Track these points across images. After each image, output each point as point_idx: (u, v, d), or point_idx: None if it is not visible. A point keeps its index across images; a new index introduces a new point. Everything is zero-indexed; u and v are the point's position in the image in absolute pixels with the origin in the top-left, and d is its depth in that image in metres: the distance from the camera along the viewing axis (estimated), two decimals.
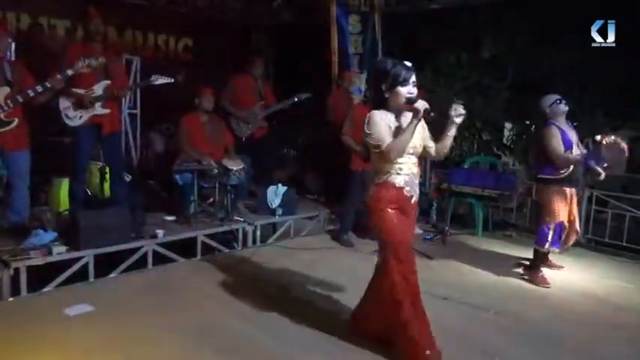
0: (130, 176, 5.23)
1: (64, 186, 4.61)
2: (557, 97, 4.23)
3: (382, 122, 2.60)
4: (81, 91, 4.18)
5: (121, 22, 7.02)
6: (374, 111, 2.63)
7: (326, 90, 6.38)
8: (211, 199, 5.07)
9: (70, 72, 3.91)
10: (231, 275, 4.07)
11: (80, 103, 4.18)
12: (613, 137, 4.10)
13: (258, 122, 5.85)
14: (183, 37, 7.82)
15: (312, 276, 4.16)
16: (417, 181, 2.72)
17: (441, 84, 6.36)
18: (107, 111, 4.29)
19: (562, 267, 4.68)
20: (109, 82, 4.25)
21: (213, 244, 4.58)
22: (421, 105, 2.54)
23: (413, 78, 2.59)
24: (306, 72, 6.58)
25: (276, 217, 5.16)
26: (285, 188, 5.25)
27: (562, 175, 4.18)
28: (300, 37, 7.08)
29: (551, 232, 4.25)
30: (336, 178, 5.78)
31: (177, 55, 7.79)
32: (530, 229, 5.48)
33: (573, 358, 2.99)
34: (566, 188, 4.24)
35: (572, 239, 4.46)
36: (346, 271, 4.28)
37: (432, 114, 2.55)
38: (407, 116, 2.65)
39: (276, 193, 5.20)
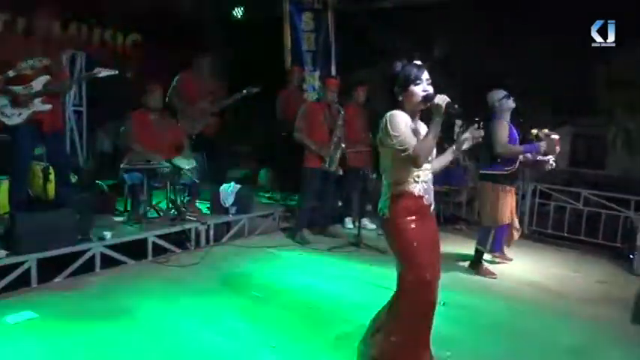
0: (75, 176, 5.04)
1: (2, 187, 4.37)
2: (505, 92, 4.35)
3: (405, 124, 2.37)
4: (18, 88, 3.96)
5: (65, 15, 6.71)
6: (395, 111, 2.39)
7: (278, 86, 6.37)
8: (162, 199, 4.97)
9: (11, 73, 3.73)
10: (184, 276, 3.98)
11: (17, 101, 3.96)
12: (546, 130, 4.36)
13: (207, 119, 5.76)
14: (132, 33, 7.57)
15: (268, 273, 4.14)
16: (432, 188, 2.52)
17: None
18: (48, 107, 4.07)
19: (510, 259, 4.84)
20: (48, 77, 4.05)
21: (165, 244, 4.49)
22: (441, 100, 2.33)
23: (426, 75, 2.42)
24: (258, 68, 6.52)
25: (230, 215, 5.10)
26: (238, 186, 5.20)
27: (508, 171, 4.30)
28: (253, 34, 7.01)
29: (491, 236, 4.36)
30: (290, 175, 5.77)
31: (125, 51, 7.54)
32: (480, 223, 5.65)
33: (528, 348, 3.08)
34: (511, 187, 4.38)
35: (515, 236, 4.61)
36: (302, 269, 4.27)
37: (456, 106, 2.32)
38: (417, 119, 2.51)
39: (229, 192, 5.13)
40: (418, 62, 2.46)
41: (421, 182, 2.45)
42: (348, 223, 5.91)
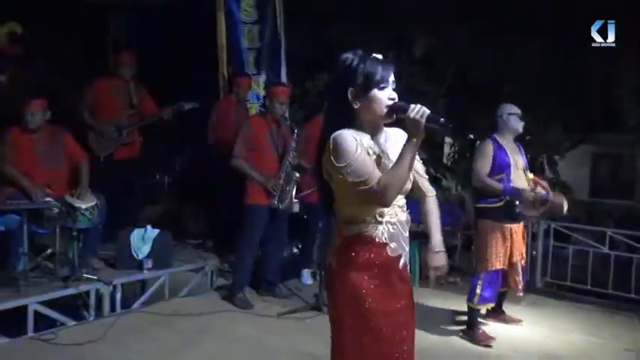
0: None
1: None
2: (518, 111, 4.60)
3: (358, 147, 2.23)
4: None
5: None
6: (341, 131, 2.26)
7: (210, 97, 6.41)
8: (49, 251, 4.86)
9: None
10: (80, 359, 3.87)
11: None
12: (545, 183, 4.64)
13: (123, 138, 5.77)
14: (8, 22, 7.43)
15: (196, 353, 4.08)
16: (406, 234, 2.39)
17: None
18: None
19: (520, 321, 4.95)
20: None
21: (54, 314, 4.39)
22: (418, 112, 2.18)
23: (392, 76, 2.32)
24: (182, 72, 6.52)
25: (145, 271, 5.05)
26: (156, 231, 5.16)
27: (496, 204, 4.47)
28: (175, 26, 7.01)
29: (480, 284, 4.50)
30: (227, 216, 5.77)
31: None
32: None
33: None
34: (505, 224, 4.51)
35: (516, 289, 4.72)
36: (243, 343, 4.23)
37: (442, 120, 2.18)
38: (386, 135, 2.42)
39: (143, 239, 5.08)
40: (379, 56, 2.33)
41: (386, 223, 2.31)
42: (307, 277, 5.91)
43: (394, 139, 2.40)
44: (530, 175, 4.60)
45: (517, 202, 4.46)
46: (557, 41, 6.36)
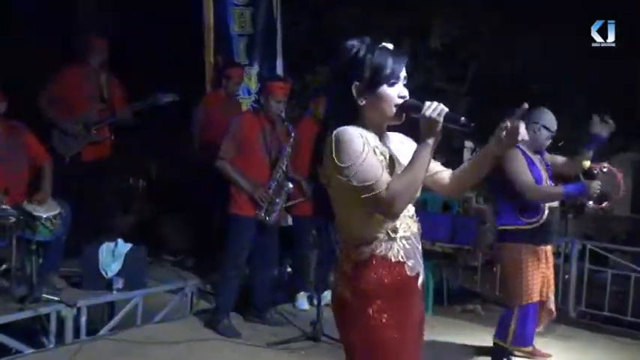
0: None
1: None
2: (553, 127, 4.48)
3: (365, 146, 2.21)
4: None
5: None
6: (345, 127, 2.24)
7: (195, 90, 6.38)
8: (4, 266, 4.86)
9: None
10: None
11: None
12: (607, 164, 4.48)
13: (91, 135, 5.77)
14: None
15: None
16: (420, 247, 2.42)
17: None
18: None
19: (549, 355, 4.86)
20: None
21: (8, 340, 4.34)
22: (435, 110, 2.18)
23: (404, 71, 2.31)
24: (162, 61, 6.49)
25: (114, 292, 5.02)
26: (128, 245, 5.13)
27: (533, 224, 4.37)
28: (153, 7, 6.99)
29: (514, 322, 4.38)
30: (211, 229, 5.77)
31: None
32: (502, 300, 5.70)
33: None
34: (540, 245, 4.43)
35: (546, 321, 4.68)
36: None
37: (463, 120, 2.19)
38: (394, 137, 2.46)
39: (114, 254, 5.05)
40: (389, 46, 2.32)
41: (400, 239, 2.33)
42: (302, 301, 5.90)
43: (396, 142, 2.43)
44: (587, 163, 4.44)
45: (589, 203, 4.37)
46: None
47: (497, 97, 6.57)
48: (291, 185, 5.15)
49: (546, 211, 4.37)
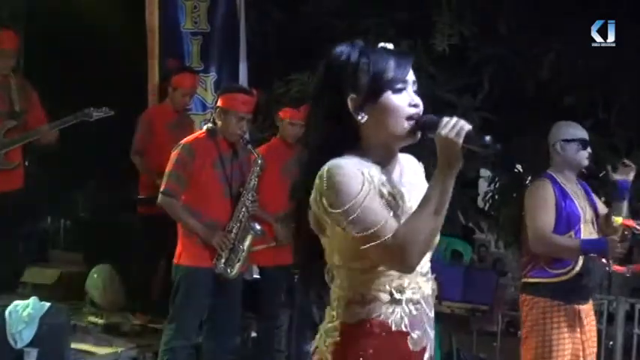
0: None
1: None
2: (581, 133, 4.57)
3: (365, 183, 2.16)
4: None
5: None
6: (337, 161, 2.18)
7: (136, 103, 6.48)
8: None
9: None
10: None
11: None
12: None
13: None
14: None
15: None
16: (431, 314, 2.39)
17: None
18: None
19: None
20: None
21: None
22: (455, 128, 2.11)
23: (411, 74, 2.30)
24: (93, 67, 6.57)
25: None
26: (46, 305, 5.13)
27: (562, 276, 4.43)
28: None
29: None
30: (154, 283, 5.86)
31: None
32: None
33: None
34: (574, 304, 4.45)
35: None
36: None
37: (488, 139, 2.15)
38: (407, 165, 2.44)
39: (26, 318, 5.05)
40: (389, 46, 2.33)
41: (406, 303, 2.28)
42: None
43: (410, 173, 2.41)
44: (619, 220, 4.42)
45: (608, 263, 4.42)
46: None
47: (520, 112, 6.69)
48: (258, 227, 5.17)
49: (581, 260, 4.38)
